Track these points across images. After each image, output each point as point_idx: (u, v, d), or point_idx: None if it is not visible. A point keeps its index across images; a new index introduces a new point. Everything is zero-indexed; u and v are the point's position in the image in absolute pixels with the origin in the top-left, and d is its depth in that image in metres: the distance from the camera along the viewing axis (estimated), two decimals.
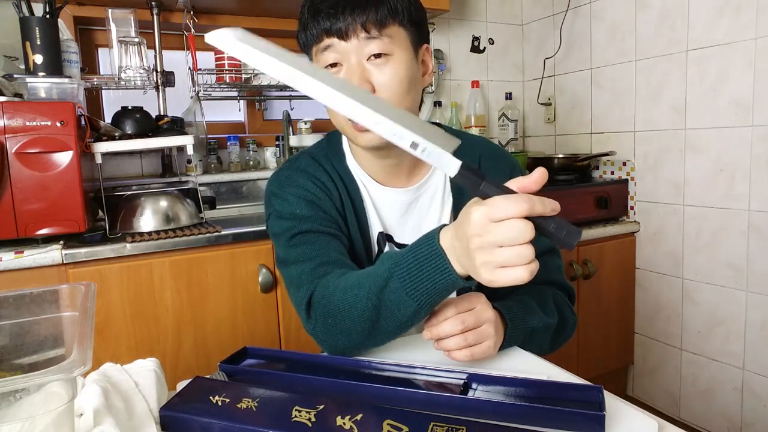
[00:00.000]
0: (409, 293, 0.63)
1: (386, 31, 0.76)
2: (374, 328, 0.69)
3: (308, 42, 0.80)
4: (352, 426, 0.52)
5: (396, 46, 0.77)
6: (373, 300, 0.67)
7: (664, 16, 1.92)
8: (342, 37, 0.76)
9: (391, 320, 0.67)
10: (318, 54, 0.79)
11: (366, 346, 0.74)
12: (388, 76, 0.77)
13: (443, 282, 0.61)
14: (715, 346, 1.88)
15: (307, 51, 0.83)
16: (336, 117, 0.80)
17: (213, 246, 1.47)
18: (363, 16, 0.74)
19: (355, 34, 0.75)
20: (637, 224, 2.09)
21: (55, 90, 1.39)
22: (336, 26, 0.75)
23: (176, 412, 0.55)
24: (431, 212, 0.90)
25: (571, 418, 0.54)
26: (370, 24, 0.75)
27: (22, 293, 0.58)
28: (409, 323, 0.67)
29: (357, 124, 0.77)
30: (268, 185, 0.90)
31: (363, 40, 0.75)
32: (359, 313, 0.69)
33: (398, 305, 0.65)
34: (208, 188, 1.97)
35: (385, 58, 0.77)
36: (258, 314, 1.54)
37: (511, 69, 2.59)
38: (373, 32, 0.75)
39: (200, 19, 1.95)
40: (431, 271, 0.61)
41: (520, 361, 0.75)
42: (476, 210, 0.53)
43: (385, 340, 0.73)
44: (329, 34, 0.76)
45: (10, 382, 0.40)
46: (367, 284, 0.68)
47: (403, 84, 0.78)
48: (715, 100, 1.79)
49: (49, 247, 1.31)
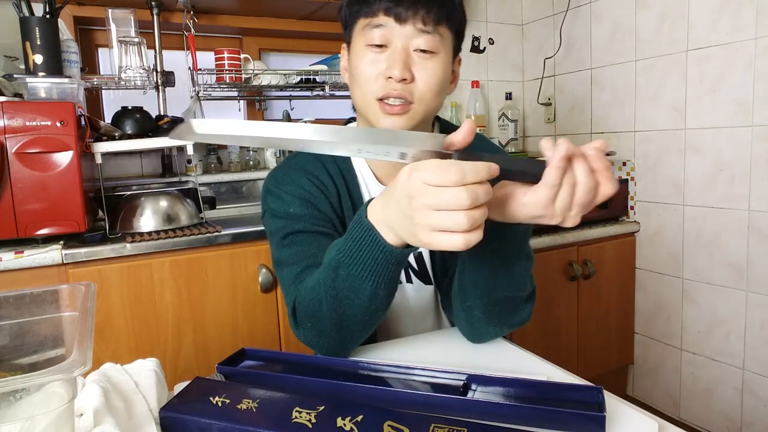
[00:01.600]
0: (358, 277, 0.64)
1: (439, 29, 0.77)
2: (344, 320, 0.69)
3: (357, 14, 0.79)
4: (353, 427, 0.52)
5: (442, 46, 0.78)
6: (330, 292, 0.67)
7: (664, 16, 1.92)
8: (399, 21, 0.76)
9: (355, 308, 0.67)
10: (364, 29, 0.78)
11: (351, 341, 0.73)
12: (430, 72, 0.77)
13: (383, 256, 0.61)
14: (715, 346, 1.88)
15: (349, 23, 0.82)
16: (365, 95, 0.79)
17: (213, 246, 1.47)
18: (425, 8, 0.75)
19: (412, 22, 0.75)
20: (637, 224, 2.09)
21: (55, 90, 1.39)
22: (397, 8, 0.75)
23: (176, 413, 0.55)
24: None
25: (571, 419, 0.54)
26: (429, 18, 0.75)
27: (22, 293, 0.58)
28: (376, 305, 0.67)
29: (389, 105, 0.77)
30: (265, 182, 0.90)
31: (417, 31, 0.76)
32: (326, 309, 0.69)
33: (354, 291, 0.65)
34: (208, 188, 1.97)
35: (430, 55, 0.77)
36: (258, 314, 1.54)
37: (511, 69, 2.59)
38: (428, 26, 0.76)
39: (200, 19, 1.95)
40: (369, 248, 0.61)
41: (520, 361, 0.75)
42: (412, 171, 0.53)
43: (365, 331, 0.72)
44: (387, 13, 0.76)
45: (10, 382, 0.40)
46: (323, 279, 0.68)
47: (439, 84, 0.79)
48: (715, 100, 1.79)
49: (49, 247, 1.31)
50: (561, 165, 0.54)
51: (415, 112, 0.78)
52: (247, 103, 2.22)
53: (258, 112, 2.22)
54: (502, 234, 0.66)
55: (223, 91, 2.04)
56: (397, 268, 0.64)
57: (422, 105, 0.78)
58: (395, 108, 0.77)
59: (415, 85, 0.77)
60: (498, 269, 0.70)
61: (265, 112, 2.25)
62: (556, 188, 0.55)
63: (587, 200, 0.57)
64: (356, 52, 0.80)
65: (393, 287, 0.68)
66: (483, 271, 0.71)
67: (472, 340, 0.81)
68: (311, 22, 2.15)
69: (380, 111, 0.78)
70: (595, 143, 0.58)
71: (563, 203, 0.56)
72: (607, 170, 0.57)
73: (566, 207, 0.56)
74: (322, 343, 0.74)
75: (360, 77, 0.79)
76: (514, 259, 0.70)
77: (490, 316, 0.75)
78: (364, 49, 0.78)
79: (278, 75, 2.00)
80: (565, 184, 0.55)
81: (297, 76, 2.03)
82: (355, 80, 0.81)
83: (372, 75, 0.77)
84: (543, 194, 0.55)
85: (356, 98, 0.82)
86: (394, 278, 0.66)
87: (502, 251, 0.69)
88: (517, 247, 0.70)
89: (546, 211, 0.57)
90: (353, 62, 0.81)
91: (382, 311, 0.70)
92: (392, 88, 0.76)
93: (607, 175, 0.57)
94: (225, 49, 1.87)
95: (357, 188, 0.89)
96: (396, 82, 0.76)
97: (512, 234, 0.66)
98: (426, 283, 0.94)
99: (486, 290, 0.73)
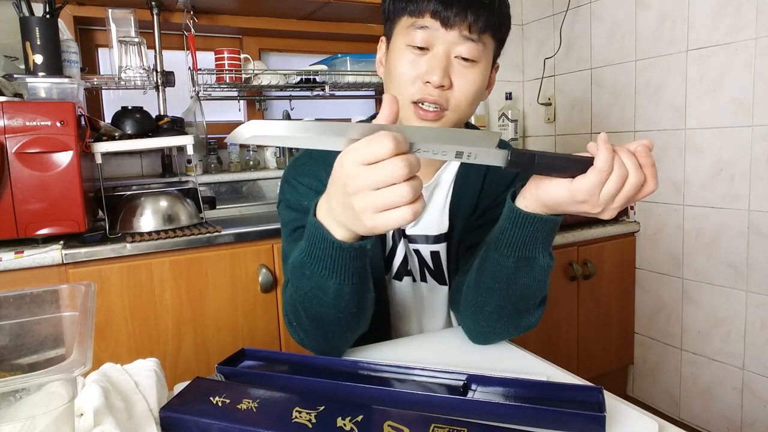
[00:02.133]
0: (321, 275, 0.63)
1: (483, 38, 0.75)
2: (319, 319, 0.69)
3: (403, 11, 0.77)
4: (353, 427, 0.52)
5: (484, 56, 0.77)
6: (300, 292, 0.67)
7: (664, 16, 1.92)
8: (445, 25, 0.73)
9: (326, 306, 0.66)
10: (408, 29, 0.76)
11: (336, 339, 0.73)
12: (469, 81, 0.76)
13: (338, 253, 0.60)
14: (715, 346, 1.88)
15: (392, 18, 0.80)
16: (399, 96, 0.76)
17: (213, 246, 1.47)
18: (474, 15, 0.73)
19: (458, 28, 0.73)
20: (637, 224, 2.09)
21: (55, 90, 1.39)
22: (446, 13, 0.73)
23: (176, 413, 0.55)
24: (439, 206, 0.90)
25: (571, 419, 0.54)
26: (475, 26, 0.74)
27: (22, 293, 0.58)
28: (345, 302, 0.66)
29: (423, 110, 0.76)
30: (285, 170, 0.89)
31: (461, 38, 0.74)
32: (301, 309, 0.69)
33: (321, 290, 0.65)
34: (208, 188, 1.97)
35: (472, 64, 0.76)
36: (258, 314, 1.54)
37: (511, 69, 2.59)
38: (473, 34, 0.74)
39: (200, 19, 1.95)
40: (323, 246, 0.61)
41: (520, 361, 0.75)
42: (342, 156, 0.51)
43: (347, 329, 0.71)
44: (434, 16, 0.73)
45: (10, 382, 0.40)
46: (294, 279, 0.68)
47: (476, 93, 0.77)
48: (715, 100, 1.79)
49: (49, 247, 1.31)
50: (610, 148, 0.56)
51: (448, 119, 0.77)
52: (247, 103, 2.22)
53: (258, 112, 2.22)
54: (532, 221, 0.65)
55: (223, 91, 2.04)
56: (357, 263, 0.63)
57: (456, 113, 0.77)
58: (429, 114, 0.76)
59: (452, 93, 0.76)
60: (521, 261, 0.69)
61: (265, 112, 2.25)
62: (607, 174, 0.57)
63: (632, 194, 0.58)
64: (396, 51, 0.78)
65: (360, 283, 0.66)
66: (507, 261, 0.69)
67: (475, 341, 0.80)
68: (311, 22, 2.15)
69: (413, 114, 0.77)
70: (642, 141, 0.60)
71: (609, 192, 0.58)
72: (653, 167, 0.59)
73: (611, 197, 0.58)
74: (310, 342, 0.74)
75: (398, 77, 0.77)
76: (540, 252, 0.68)
77: (501, 313, 0.73)
78: (405, 49, 0.77)
79: (278, 75, 2.00)
80: (615, 174, 0.57)
81: (297, 76, 2.03)
82: (391, 78, 0.79)
83: (410, 77, 0.76)
84: (593, 179, 0.57)
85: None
86: (358, 273, 0.64)
87: (531, 242, 0.67)
88: (545, 239, 0.68)
89: (591, 197, 0.58)
90: (391, 60, 0.79)
91: (356, 308, 0.68)
92: (429, 93, 0.75)
93: (652, 171, 0.59)
94: (225, 49, 1.87)
95: None
96: (434, 87, 0.74)
97: (542, 223, 0.65)
98: (441, 284, 0.93)
99: (505, 283, 0.71)
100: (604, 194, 0.58)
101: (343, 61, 2.06)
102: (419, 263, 0.92)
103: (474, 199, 0.89)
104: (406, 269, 0.92)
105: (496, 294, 0.72)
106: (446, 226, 0.90)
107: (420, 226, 0.90)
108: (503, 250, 0.69)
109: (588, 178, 0.57)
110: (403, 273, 0.92)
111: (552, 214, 0.65)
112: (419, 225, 0.90)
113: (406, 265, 0.92)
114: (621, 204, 0.59)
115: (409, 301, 0.94)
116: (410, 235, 0.90)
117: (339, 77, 2.06)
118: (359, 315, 0.70)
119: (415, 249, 0.91)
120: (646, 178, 0.58)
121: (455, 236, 0.89)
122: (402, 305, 0.94)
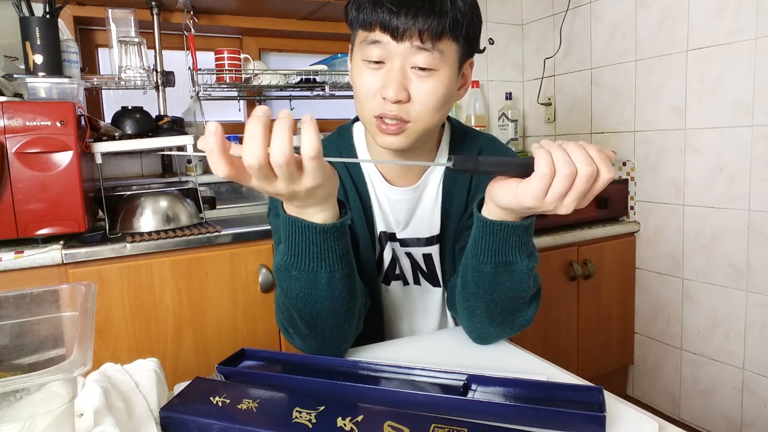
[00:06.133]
0: (311, 270, 0.65)
1: (439, 45, 0.72)
2: (315, 319, 0.70)
3: (356, 25, 0.76)
4: (353, 427, 0.52)
5: (443, 63, 0.74)
6: (290, 297, 0.68)
7: (664, 16, 1.92)
8: (395, 38, 0.71)
9: (320, 302, 0.68)
10: (362, 44, 0.75)
11: (334, 338, 0.73)
12: (427, 91, 0.74)
13: (322, 237, 0.64)
14: (715, 346, 1.88)
15: (352, 30, 0.79)
16: (363, 111, 0.77)
17: (213, 246, 1.47)
18: (424, 23, 0.70)
19: (409, 39, 0.71)
20: (637, 224, 2.09)
21: (55, 90, 1.39)
22: (393, 24, 0.71)
23: (176, 413, 0.55)
24: (429, 209, 0.90)
25: (571, 419, 0.54)
26: (428, 34, 0.71)
27: (22, 293, 0.58)
28: (339, 289, 0.68)
29: (385, 124, 0.75)
30: None
31: (414, 48, 0.72)
32: (295, 316, 0.70)
33: (312, 286, 0.67)
34: (208, 188, 1.97)
35: (429, 73, 0.73)
36: (258, 314, 1.54)
37: (511, 69, 2.59)
38: (426, 44, 0.71)
39: (200, 19, 1.95)
40: (306, 236, 0.64)
41: (520, 361, 0.75)
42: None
43: (344, 323, 0.72)
44: (383, 30, 0.72)
45: (10, 382, 0.40)
46: (282, 284, 0.69)
47: (439, 101, 0.75)
48: (715, 100, 1.79)
49: (49, 247, 1.31)
50: (546, 151, 0.58)
51: (411, 131, 0.76)
52: (247, 103, 2.22)
53: None
54: (500, 228, 0.67)
55: (223, 91, 2.04)
56: (340, 243, 0.65)
57: (419, 124, 0.75)
58: (391, 127, 0.75)
59: (411, 105, 0.74)
60: (500, 267, 0.70)
61: None
62: (549, 177, 0.58)
63: (585, 188, 0.58)
64: (355, 66, 0.77)
65: (348, 267, 0.68)
66: (485, 268, 0.70)
67: (475, 341, 0.81)
68: (311, 22, 2.15)
69: (376, 128, 0.76)
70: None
71: (558, 192, 0.58)
72: (602, 154, 0.59)
73: (559, 197, 0.59)
74: (310, 346, 0.74)
75: (357, 93, 0.77)
76: (517, 256, 0.69)
77: (492, 316, 0.74)
78: (362, 65, 0.75)
79: (278, 75, 2.00)
80: (561, 174, 0.57)
81: (297, 76, 2.03)
82: (354, 93, 0.79)
83: (369, 93, 0.75)
84: (534, 184, 0.59)
85: (357, 110, 0.80)
86: (344, 255, 0.66)
87: (505, 247, 0.68)
88: (519, 242, 0.69)
89: (537, 201, 0.59)
90: (352, 75, 0.79)
91: (349, 294, 0.69)
92: (388, 109, 0.73)
93: (602, 158, 0.59)
94: (225, 49, 1.87)
95: (365, 188, 0.88)
96: (391, 102, 0.73)
97: (511, 229, 0.67)
98: (434, 285, 0.93)
99: (488, 289, 0.72)
100: (552, 195, 0.58)
101: (343, 61, 2.06)
102: (412, 266, 0.92)
103: (464, 198, 0.88)
104: (395, 273, 0.92)
105: (482, 298, 0.73)
106: (437, 228, 0.89)
107: (411, 229, 0.90)
108: (480, 258, 0.70)
109: (530, 184, 0.58)
110: (392, 277, 0.92)
111: (520, 219, 0.67)
112: (410, 228, 0.89)
113: (395, 269, 0.92)
114: (575, 199, 0.59)
115: (399, 304, 0.94)
116: (402, 238, 0.90)
117: (339, 77, 2.06)
118: (353, 302, 0.71)
119: (407, 252, 0.91)
120: (599, 170, 0.58)
121: (448, 237, 0.89)
122: (392, 308, 0.94)
